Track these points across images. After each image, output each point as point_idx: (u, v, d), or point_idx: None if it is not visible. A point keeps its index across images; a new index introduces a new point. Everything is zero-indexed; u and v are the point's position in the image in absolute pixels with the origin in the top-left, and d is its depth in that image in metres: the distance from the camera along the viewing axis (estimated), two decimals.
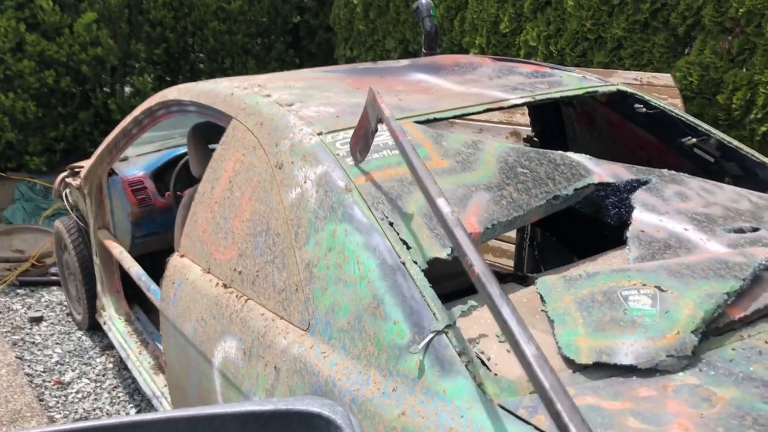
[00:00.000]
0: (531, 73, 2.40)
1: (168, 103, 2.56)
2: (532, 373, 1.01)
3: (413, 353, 1.29)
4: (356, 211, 1.55)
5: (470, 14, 5.04)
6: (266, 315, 1.67)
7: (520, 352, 1.05)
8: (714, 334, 1.31)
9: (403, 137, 1.49)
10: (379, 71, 2.46)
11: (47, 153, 5.58)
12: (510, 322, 1.08)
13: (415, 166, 1.42)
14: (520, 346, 1.05)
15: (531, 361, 1.02)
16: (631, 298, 1.36)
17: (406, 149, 1.46)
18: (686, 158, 2.32)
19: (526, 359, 1.03)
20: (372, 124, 1.59)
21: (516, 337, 1.06)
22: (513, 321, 1.08)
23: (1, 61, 5.05)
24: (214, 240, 1.97)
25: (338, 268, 1.51)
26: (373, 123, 1.59)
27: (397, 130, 1.51)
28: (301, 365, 1.49)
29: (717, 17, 3.59)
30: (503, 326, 1.09)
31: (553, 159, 1.82)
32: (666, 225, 1.64)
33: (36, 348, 3.70)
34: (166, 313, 2.12)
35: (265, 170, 1.83)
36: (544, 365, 1.01)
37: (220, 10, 6.09)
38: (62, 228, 3.71)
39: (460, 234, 1.26)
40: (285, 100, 2.00)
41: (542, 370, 1.00)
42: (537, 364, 1.01)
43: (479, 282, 1.17)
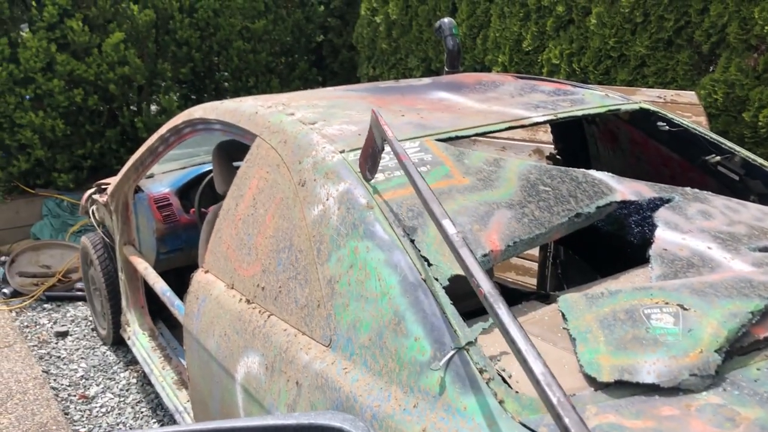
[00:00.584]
0: (553, 91, 2.41)
1: (194, 122, 2.60)
2: (541, 390, 1.02)
3: (434, 370, 1.29)
4: (377, 228, 1.56)
5: (493, 32, 5.06)
6: (288, 330, 1.68)
7: (528, 370, 1.05)
8: (738, 353, 1.29)
9: (407, 159, 1.51)
10: (400, 90, 2.48)
11: (75, 170, 5.68)
12: (518, 341, 1.09)
13: (419, 187, 1.43)
14: (528, 364, 1.06)
15: (539, 379, 1.03)
16: (654, 316, 1.35)
17: (410, 171, 1.48)
18: (711, 176, 2.30)
19: (534, 377, 1.04)
20: (378, 144, 1.61)
21: (524, 356, 1.07)
22: (521, 340, 1.09)
23: (32, 81, 5.17)
24: (238, 256, 2.00)
25: (360, 285, 1.52)
26: (379, 143, 1.61)
27: (401, 152, 1.53)
28: (323, 381, 1.49)
29: (742, 35, 3.57)
30: (511, 345, 1.10)
31: (575, 177, 1.82)
32: (689, 243, 1.63)
33: (62, 362, 3.75)
34: (190, 328, 2.14)
35: (289, 187, 1.85)
36: (551, 382, 1.02)
37: (245, 29, 6.18)
38: (88, 244, 3.77)
39: (465, 254, 1.27)
40: (308, 118, 2.02)
41: (549, 387, 1.01)
42: (544, 381, 1.02)
43: (487, 302, 1.18)
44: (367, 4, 6.26)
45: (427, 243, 1.51)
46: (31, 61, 5.06)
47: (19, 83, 5.13)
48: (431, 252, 1.49)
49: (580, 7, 4.39)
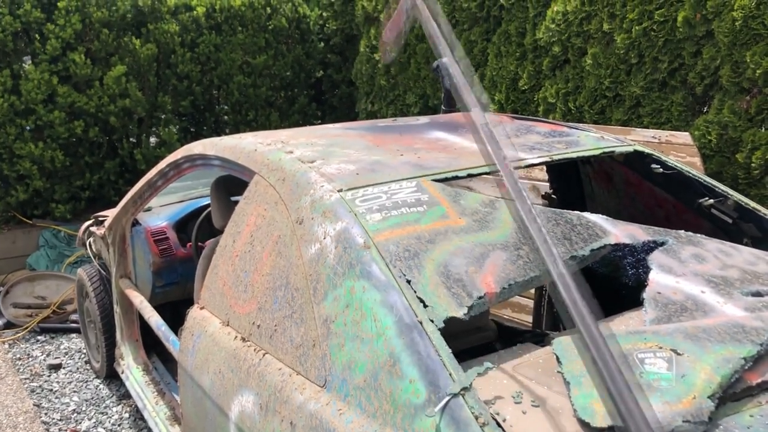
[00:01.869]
0: (549, 132, 2.44)
1: (193, 157, 2.63)
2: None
3: (429, 416, 1.29)
4: (374, 268, 1.57)
5: (490, 71, 5.13)
6: (283, 370, 1.68)
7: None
8: (731, 399, 1.30)
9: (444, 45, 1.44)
10: (398, 129, 2.51)
11: (72, 201, 5.69)
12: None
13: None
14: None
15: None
16: (648, 361, 1.36)
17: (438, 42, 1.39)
18: (704, 218, 2.33)
19: None
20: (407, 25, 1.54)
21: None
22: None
23: (32, 112, 5.21)
24: (234, 293, 2.00)
25: (355, 325, 1.52)
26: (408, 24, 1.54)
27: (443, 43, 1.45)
28: (317, 422, 1.49)
29: (734, 78, 3.63)
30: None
31: (569, 219, 1.84)
32: (682, 287, 1.65)
33: (53, 396, 3.71)
34: (185, 364, 2.14)
35: (286, 225, 1.86)
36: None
37: (246, 64, 6.26)
38: (84, 276, 3.76)
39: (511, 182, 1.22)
40: (307, 156, 2.05)
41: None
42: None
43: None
44: (367, 41, 6.35)
45: (422, 284, 1.52)
46: (32, 92, 5.10)
47: (20, 114, 5.17)
48: (427, 293, 1.50)
49: (576, 48, 4.46)
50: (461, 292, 1.52)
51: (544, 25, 4.58)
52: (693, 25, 3.75)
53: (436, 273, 1.56)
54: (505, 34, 5.00)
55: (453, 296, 1.51)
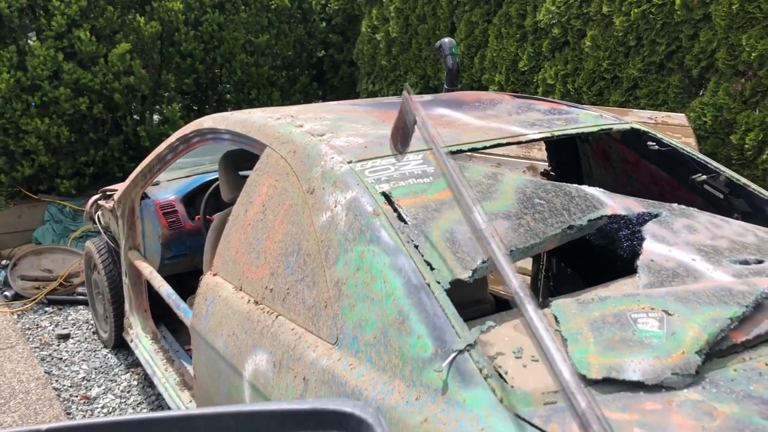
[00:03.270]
0: (549, 110, 2.53)
1: (203, 131, 2.70)
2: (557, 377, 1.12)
3: (438, 371, 1.38)
4: (383, 234, 1.66)
5: (490, 52, 5.20)
6: (296, 330, 1.78)
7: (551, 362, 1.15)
8: (717, 356, 1.40)
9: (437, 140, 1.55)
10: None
11: (77, 177, 5.76)
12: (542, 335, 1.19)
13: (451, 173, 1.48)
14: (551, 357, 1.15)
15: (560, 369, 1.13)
16: (640, 320, 1.46)
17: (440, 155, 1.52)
18: (697, 194, 2.42)
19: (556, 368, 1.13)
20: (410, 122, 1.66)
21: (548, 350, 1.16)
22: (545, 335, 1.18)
23: (38, 88, 5.26)
24: (247, 260, 2.09)
25: (366, 287, 1.62)
26: (410, 122, 1.66)
27: (433, 133, 1.57)
28: (329, 376, 1.59)
29: (730, 60, 3.71)
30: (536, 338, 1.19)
31: (568, 192, 1.93)
32: (674, 255, 1.74)
33: (63, 364, 3.82)
34: (198, 328, 2.23)
35: (298, 195, 1.95)
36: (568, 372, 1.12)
37: (249, 43, 6.31)
38: (93, 248, 3.85)
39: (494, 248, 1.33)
40: (316, 130, 2.13)
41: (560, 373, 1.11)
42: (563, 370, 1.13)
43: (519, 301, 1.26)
44: (368, 21, 6.41)
45: (429, 249, 1.62)
46: (38, 69, 5.16)
47: (26, 90, 5.22)
48: (434, 257, 1.59)
49: (576, 30, 4.53)
50: (466, 257, 1.61)
51: (545, 7, 4.64)
52: (690, 9, 3.83)
53: (442, 239, 1.65)
54: (505, 16, 5.07)
55: (458, 260, 1.60)
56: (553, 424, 1.23)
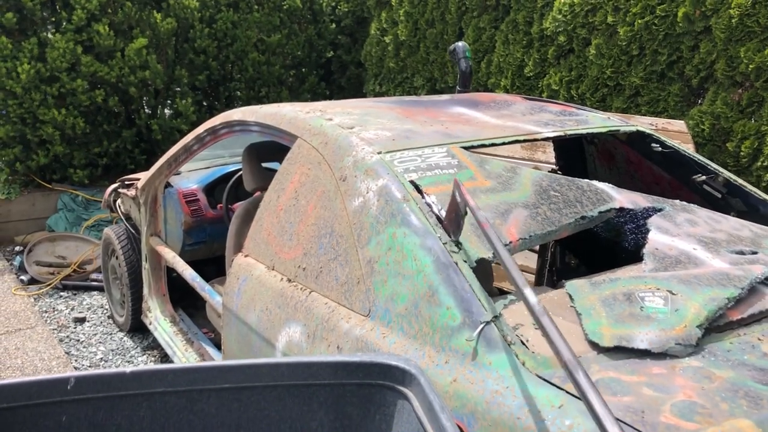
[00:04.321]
0: (560, 111, 2.70)
1: (231, 123, 2.86)
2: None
3: (469, 341, 1.54)
4: (413, 217, 1.82)
5: (497, 57, 5.37)
6: (329, 304, 1.94)
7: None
8: (716, 331, 1.56)
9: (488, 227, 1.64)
10: (423, 103, 2.76)
11: (90, 167, 5.90)
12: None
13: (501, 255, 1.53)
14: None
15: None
16: (647, 298, 1.62)
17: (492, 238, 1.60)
18: (697, 194, 2.59)
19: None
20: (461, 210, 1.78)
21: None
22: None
23: (56, 79, 5.40)
24: (279, 241, 2.25)
25: (397, 264, 1.78)
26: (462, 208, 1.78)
27: (482, 221, 1.65)
28: (363, 344, 1.75)
29: (729, 71, 3.89)
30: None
31: (580, 186, 2.09)
32: (677, 245, 1.91)
33: (81, 345, 3.96)
34: (230, 305, 2.39)
35: (330, 182, 2.11)
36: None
37: (261, 42, 6.47)
38: (112, 235, 3.99)
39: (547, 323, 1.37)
40: (346, 123, 2.29)
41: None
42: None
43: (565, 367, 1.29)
44: (377, 24, 6.57)
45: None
46: (57, 60, 5.30)
47: (44, 81, 5.36)
48: (461, 238, 1.75)
49: (581, 38, 4.71)
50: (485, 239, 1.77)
51: (551, 16, 4.82)
52: (692, 21, 4.01)
53: (467, 224, 1.81)
54: (513, 23, 5.24)
55: (482, 243, 1.76)
56: (569, 384, 1.39)
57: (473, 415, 1.43)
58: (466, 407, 1.45)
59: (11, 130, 5.43)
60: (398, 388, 1.29)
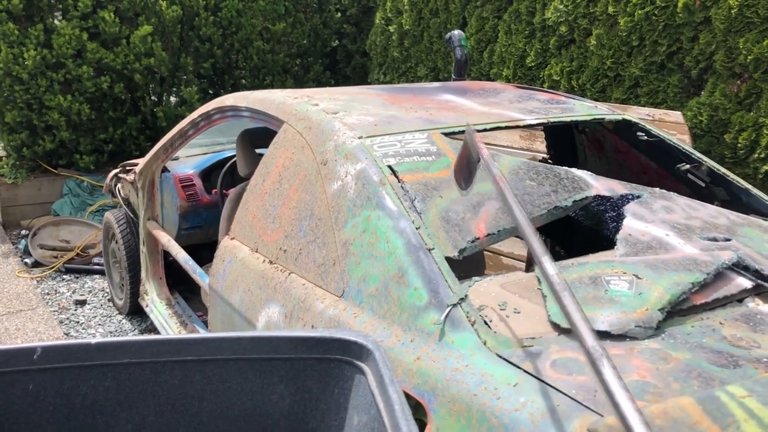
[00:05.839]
0: (547, 99, 2.71)
1: (224, 109, 2.90)
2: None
3: (437, 324, 1.57)
4: (387, 200, 1.85)
5: (499, 47, 5.37)
6: (306, 285, 1.97)
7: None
8: (679, 315, 1.58)
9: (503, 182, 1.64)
10: (412, 90, 2.78)
11: (96, 153, 5.97)
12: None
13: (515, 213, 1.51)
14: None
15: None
16: (612, 282, 1.64)
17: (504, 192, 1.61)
18: (683, 183, 2.60)
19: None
20: (474, 157, 1.78)
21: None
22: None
23: (62, 66, 5.47)
24: (263, 224, 2.29)
25: (370, 246, 1.81)
26: (474, 155, 1.78)
27: (497, 174, 1.66)
28: (335, 324, 1.78)
29: (728, 63, 3.88)
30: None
31: (558, 173, 2.11)
32: (650, 230, 1.93)
33: (80, 327, 4.03)
34: (215, 286, 2.43)
35: (312, 166, 2.14)
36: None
37: (266, 30, 6.51)
38: (112, 219, 4.05)
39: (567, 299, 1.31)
40: (331, 108, 2.32)
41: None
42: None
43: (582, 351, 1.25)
44: (382, 14, 6.59)
45: (426, 225, 1.80)
46: (63, 47, 5.36)
47: (50, 67, 5.43)
48: (430, 235, 1.77)
49: (582, 29, 4.70)
50: (457, 236, 1.80)
51: (553, 6, 4.81)
52: (692, 12, 3.99)
53: (438, 217, 1.84)
54: (515, 13, 5.23)
55: (449, 239, 1.79)
56: (527, 363, 1.42)
57: (433, 392, 1.47)
58: (427, 384, 1.49)
59: (18, 115, 5.51)
60: (356, 362, 1.33)
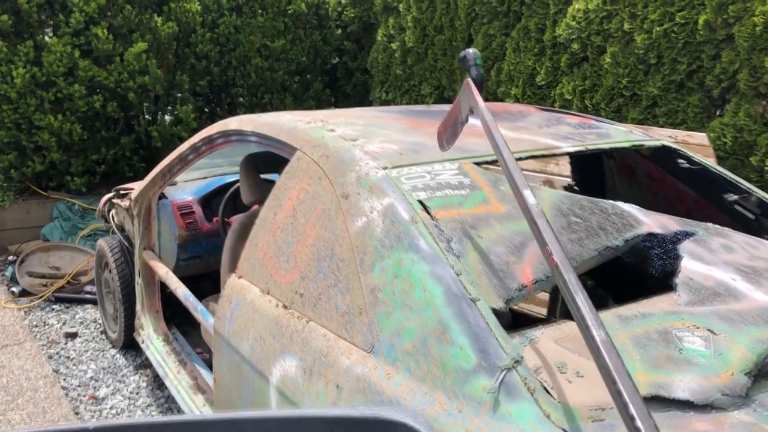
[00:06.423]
0: (578, 124, 2.51)
1: (228, 133, 2.69)
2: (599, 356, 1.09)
3: (490, 393, 1.34)
4: (422, 242, 1.64)
5: (507, 65, 5.20)
6: (328, 336, 1.75)
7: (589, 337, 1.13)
8: (764, 377, 1.38)
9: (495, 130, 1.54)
10: (432, 114, 2.58)
11: (87, 174, 5.74)
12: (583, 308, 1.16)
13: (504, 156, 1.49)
14: (590, 331, 1.13)
15: (599, 346, 1.10)
16: (686, 338, 1.44)
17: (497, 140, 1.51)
18: (725, 213, 2.40)
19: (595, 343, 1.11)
20: (463, 114, 1.62)
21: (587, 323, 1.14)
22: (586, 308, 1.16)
23: (53, 84, 5.25)
24: (275, 263, 2.07)
25: (404, 294, 1.60)
26: (464, 113, 1.62)
27: (490, 123, 1.55)
28: (365, 384, 1.56)
29: (752, 82, 3.70)
30: (576, 312, 1.17)
31: (604, 208, 1.91)
32: (714, 274, 1.72)
33: (71, 363, 3.78)
34: (221, 330, 2.21)
35: (331, 199, 1.93)
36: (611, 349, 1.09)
37: (264, 47, 6.31)
38: (105, 247, 3.82)
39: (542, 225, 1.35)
40: (349, 135, 2.11)
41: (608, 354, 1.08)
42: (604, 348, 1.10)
43: (557, 271, 1.25)
44: (385, 30, 6.41)
45: (467, 271, 1.58)
46: (54, 65, 5.15)
47: (40, 86, 5.21)
48: (472, 282, 1.55)
49: (596, 46, 4.53)
50: (501, 284, 1.58)
51: (565, 22, 4.64)
52: (714, 29, 3.82)
53: (478, 261, 1.62)
54: (524, 30, 5.07)
55: (493, 287, 1.57)
56: None
57: None
58: None
59: (6, 135, 5.28)
60: None
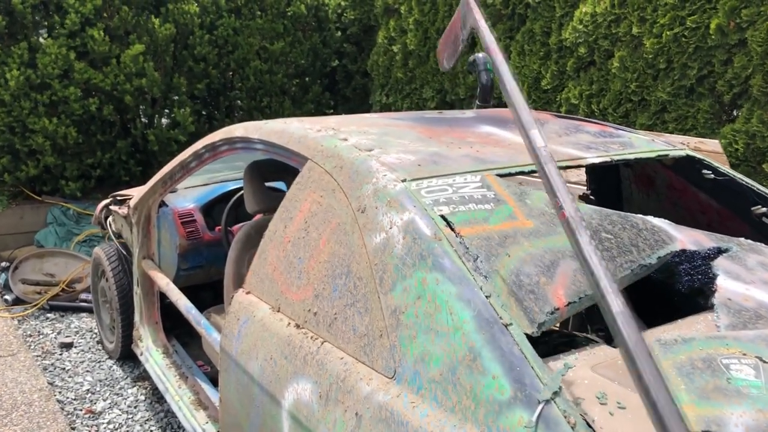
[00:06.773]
0: (599, 132, 2.42)
1: (233, 140, 2.58)
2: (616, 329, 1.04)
3: (527, 428, 1.24)
4: (446, 261, 1.54)
5: (512, 69, 5.10)
6: (345, 359, 1.65)
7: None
8: None
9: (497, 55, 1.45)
10: (447, 121, 2.48)
11: (82, 179, 5.63)
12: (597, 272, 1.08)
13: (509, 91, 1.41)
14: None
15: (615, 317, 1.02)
16: (733, 367, 1.35)
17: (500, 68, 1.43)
18: (751, 226, 2.32)
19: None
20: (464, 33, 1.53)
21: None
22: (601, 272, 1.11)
23: (48, 87, 5.13)
24: (286, 279, 1.97)
25: (429, 317, 1.49)
26: (465, 32, 1.53)
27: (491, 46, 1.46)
28: (387, 414, 1.46)
29: (765, 87, 3.63)
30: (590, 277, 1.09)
31: (635, 224, 1.81)
32: (753, 294, 1.63)
33: (66, 375, 3.67)
34: (228, 349, 2.10)
35: (346, 213, 1.83)
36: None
37: (263, 50, 6.21)
38: (102, 255, 3.71)
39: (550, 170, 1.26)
40: (363, 145, 2.01)
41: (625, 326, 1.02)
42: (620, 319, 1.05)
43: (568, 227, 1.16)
44: (385, 33, 6.32)
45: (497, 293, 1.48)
46: (49, 67, 5.03)
47: (35, 88, 5.09)
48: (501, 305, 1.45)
49: (603, 50, 4.45)
50: (533, 306, 1.48)
51: (571, 26, 4.56)
52: (726, 33, 3.75)
53: (507, 282, 1.52)
54: (529, 33, 4.98)
55: (524, 310, 1.47)
56: None
57: None
58: None
59: None
60: None
